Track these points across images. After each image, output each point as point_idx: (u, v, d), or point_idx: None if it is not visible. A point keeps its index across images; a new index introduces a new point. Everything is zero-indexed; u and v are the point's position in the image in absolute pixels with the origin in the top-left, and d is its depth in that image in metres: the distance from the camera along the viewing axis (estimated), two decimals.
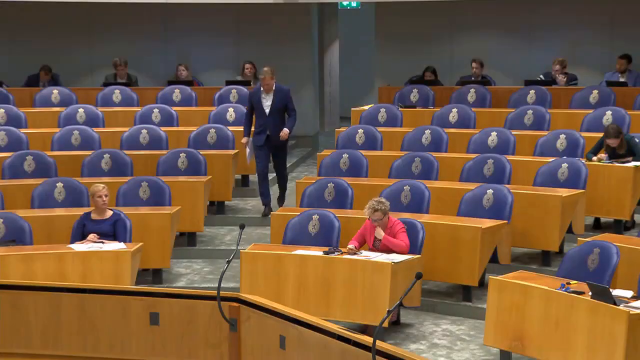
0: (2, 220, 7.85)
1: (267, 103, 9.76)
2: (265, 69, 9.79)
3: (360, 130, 10.45)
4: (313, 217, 7.92)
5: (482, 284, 7.83)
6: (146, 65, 13.59)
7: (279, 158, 10.03)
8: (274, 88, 9.78)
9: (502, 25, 13.37)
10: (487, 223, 7.85)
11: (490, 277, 6.83)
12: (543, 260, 8.39)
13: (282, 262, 7.37)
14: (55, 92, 12.02)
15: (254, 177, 11.32)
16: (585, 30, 12.85)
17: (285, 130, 9.75)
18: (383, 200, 7.44)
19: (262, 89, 9.81)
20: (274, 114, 9.75)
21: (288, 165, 12.40)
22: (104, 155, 9.72)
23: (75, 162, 9.70)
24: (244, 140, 9.88)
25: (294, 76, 13.78)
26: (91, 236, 7.71)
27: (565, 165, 8.70)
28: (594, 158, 8.87)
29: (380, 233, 7.31)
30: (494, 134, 9.87)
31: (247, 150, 9.85)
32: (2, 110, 11.15)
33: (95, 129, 10.74)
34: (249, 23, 13.81)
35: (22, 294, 5.90)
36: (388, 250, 7.28)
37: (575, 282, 6.37)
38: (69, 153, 10.12)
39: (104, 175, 9.50)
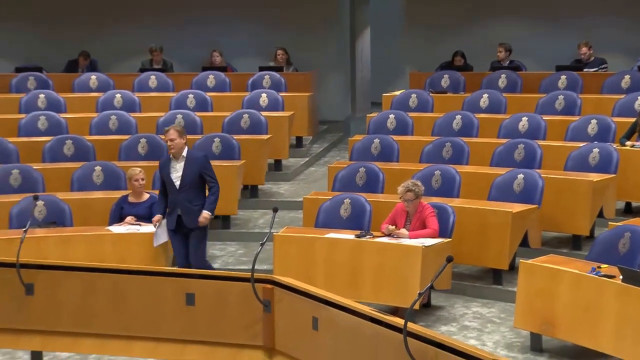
0: (43, 202, 7.94)
1: (176, 174, 7.27)
2: (171, 127, 7.41)
3: (392, 116, 10.42)
4: (345, 201, 7.91)
5: (513, 268, 7.79)
6: (181, 51, 13.61)
7: (195, 246, 7.35)
8: (184, 154, 7.27)
9: (532, 10, 13.24)
10: (518, 207, 7.80)
11: (520, 260, 6.78)
12: (573, 244, 8.33)
13: (314, 245, 7.39)
14: (93, 78, 12.10)
15: (287, 162, 11.37)
16: (616, 15, 12.69)
17: (205, 215, 7.27)
18: (419, 183, 7.40)
19: (170, 156, 7.34)
20: (186, 189, 7.24)
21: (320, 150, 12.44)
22: (141, 140, 9.78)
23: (112, 146, 9.77)
24: (155, 218, 7.40)
25: (325, 62, 13.78)
26: (128, 219, 7.78)
27: (596, 150, 8.61)
28: (627, 143, 8.77)
29: (404, 233, 7.24)
30: (524, 119, 9.78)
31: (155, 230, 7.39)
32: (43, 96, 11.25)
33: (132, 114, 10.81)
34: (282, 9, 13.79)
35: (59, 275, 5.96)
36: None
37: (606, 265, 6.31)
38: (106, 137, 10.19)
39: (140, 159, 9.55)
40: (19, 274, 5.95)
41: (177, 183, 7.25)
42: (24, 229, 6.45)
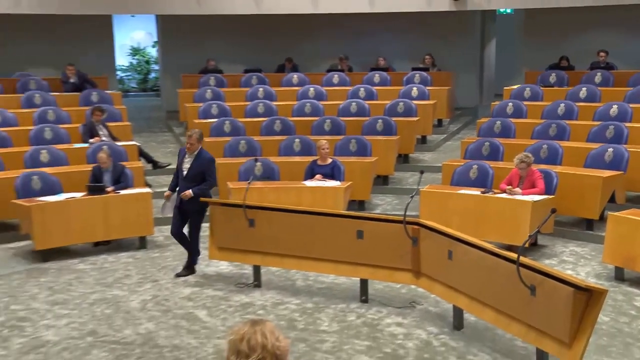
0: (260, 163, 8.23)
1: (186, 165, 6.58)
2: (193, 132, 6.57)
3: (510, 104, 10.04)
4: (473, 166, 7.74)
5: (602, 218, 7.39)
6: (356, 56, 13.61)
7: (192, 222, 6.60)
8: (195, 153, 6.56)
9: (624, 23, 12.33)
10: (607, 173, 7.39)
11: (609, 213, 6.42)
12: None
13: (449, 198, 7.28)
14: (295, 76, 12.36)
15: (430, 137, 11.22)
16: None
17: (187, 192, 6.47)
18: (530, 155, 7.14)
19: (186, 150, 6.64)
20: (190, 179, 6.52)
21: (455, 129, 12.15)
22: (326, 120, 9.92)
23: (307, 125, 9.96)
24: (167, 193, 6.75)
25: (461, 64, 13.43)
26: (317, 176, 7.94)
27: None
28: None
29: (518, 191, 6.95)
30: (615, 106, 9.18)
31: (165, 203, 6.76)
32: (261, 89, 11.63)
33: (321, 102, 10.97)
34: (429, 24, 13.52)
35: (271, 213, 6.18)
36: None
37: None
38: (303, 119, 10.38)
39: (326, 134, 9.71)
40: (244, 212, 6.24)
41: (185, 173, 6.56)
42: (248, 182, 6.73)
